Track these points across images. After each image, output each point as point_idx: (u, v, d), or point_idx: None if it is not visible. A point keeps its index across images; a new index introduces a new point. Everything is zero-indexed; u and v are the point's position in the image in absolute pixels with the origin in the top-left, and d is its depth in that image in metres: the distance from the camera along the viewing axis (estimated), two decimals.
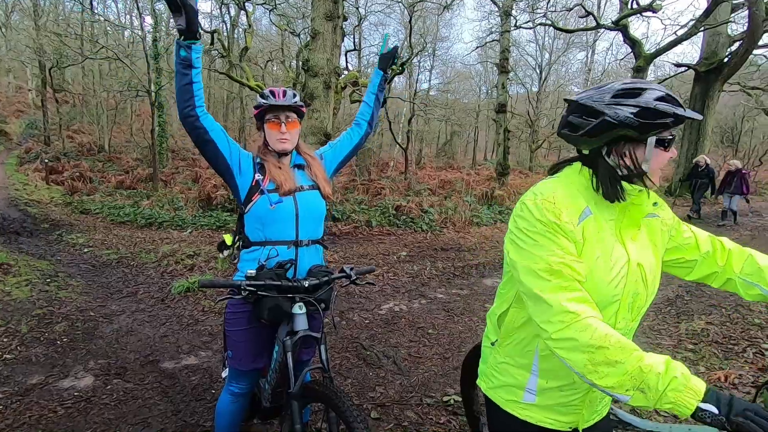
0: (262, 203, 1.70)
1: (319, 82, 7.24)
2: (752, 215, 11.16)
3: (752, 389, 2.85)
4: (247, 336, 1.77)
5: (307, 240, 1.80)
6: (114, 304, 4.21)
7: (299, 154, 1.90)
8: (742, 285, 1.13)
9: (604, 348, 0.86)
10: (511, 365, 1.16)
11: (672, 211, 1.19)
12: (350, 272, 1.80)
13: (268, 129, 1.78)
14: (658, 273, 1.09)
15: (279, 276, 1.61)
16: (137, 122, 20.91)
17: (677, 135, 1.26)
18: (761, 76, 17.60)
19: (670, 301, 4.67)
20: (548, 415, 1.14)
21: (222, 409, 1.90)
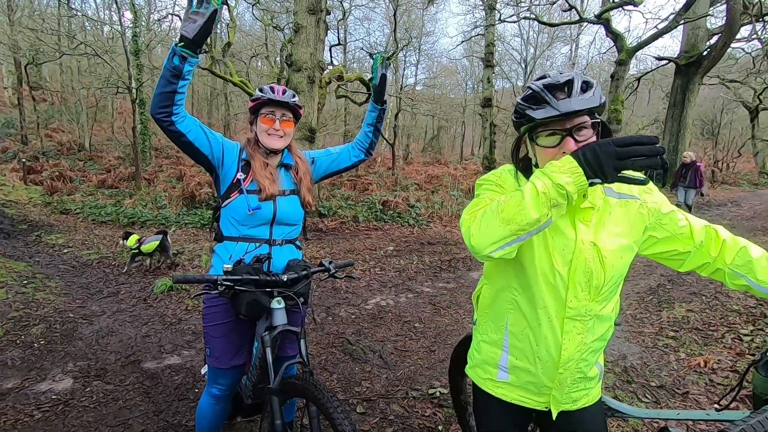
0: (240, 204, 1.66)
1: (303, 76, 7.16)
2: (731, 205, 11.41)
3: (730, 373, 2.91)
4: (225, 331, 1.73)
5: (281, 240, 1.78)
6: (94, 305, 4.12)
7: (290, 154, 1.84)
8: (729, 275, 1.12)
9: (502, 208, 0.96)
10: (486, 342, 1.22)
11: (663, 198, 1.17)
12: (329, 266, 1.77)
13: (260, 123, 1.71)
14: (626, 254, 1.09)
15: (257, 270, 1.58)
16: (119, 120, 20.47)
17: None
18: (739, 69, 17.97)
19: (652, 289, 4.75)
20: (521, 394, 1.18)
21: (203, 411, 1.86)
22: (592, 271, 1.05)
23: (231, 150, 1.72)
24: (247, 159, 1.71)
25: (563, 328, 1.09)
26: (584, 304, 1.07)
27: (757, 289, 1.10)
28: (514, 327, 1.15)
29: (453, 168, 17.74)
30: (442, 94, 26.02)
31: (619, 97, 12.28)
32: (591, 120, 1.03)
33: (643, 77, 17.50)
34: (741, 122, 23.33)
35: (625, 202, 1.11)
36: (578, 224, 1.07)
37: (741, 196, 13.60)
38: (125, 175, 12.71)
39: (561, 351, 1.10)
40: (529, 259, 1.09)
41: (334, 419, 1.36)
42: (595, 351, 1.15)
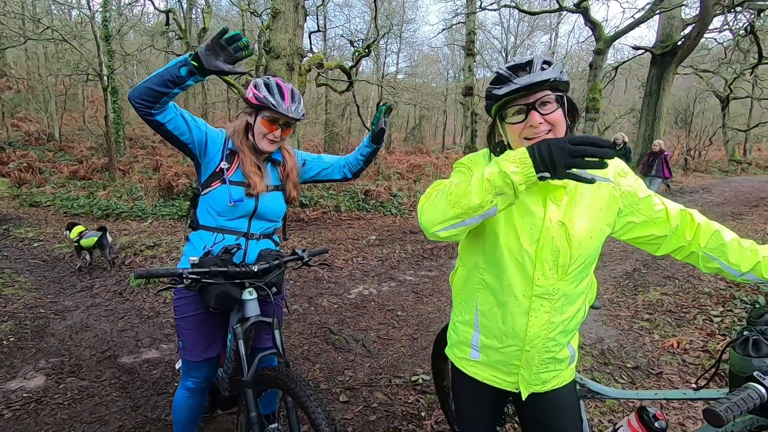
0: (221, 194, 1.59)
1: (281, 63, 7.00)
2: (702, 191, 11.78)
3: (701, 353, 3.02)
4: (197, 323, 1.69)
5: (259, 234, 1.72)
6: (67, 300, 3.99)
7: (279, 149, 1.77)
8: (703, 258, 1.14)
9: (451, 190, 0.99)
10: (461, 323, 1.26)
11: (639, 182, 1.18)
12: (302, 254, 1.74)
13: (260, 125, 1.61)
14: (596, 235, 1.10)
15: (225, 261, 1.53)
16: (90, 109, 19.74)
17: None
18: (711, 59, 18.43)
19: (628, 274, 4.88)
20: (492, 373, 1.22)
21: (178, 405, 1.82)
22: (559, 249, 1.07)
23: (215, 138, 1.63)
24: (233, 149, 1.63)
25: (531, 306, 1.11)
26: (552, 283, 1.09)
27: (728, 272, 1.13)
28: (483, 306, 1.18)
29: (435, 157, 17.76)
30: (423, 83, 25.95)
31: (597, 85, 12.45)
32: (554, 94, 1.05)
33: (620, 66, 17.77)
34: (713, 111, 24.01)
35: (598, 184, 1.11)
36: (549, 203, 1.09)
37: (712, 183, 14.06)
38: (98, 165, 12.28)
39: (527, 328, 1.12)
40: (497, 237, 1.11)
41: (309, 410, 1.35)
42: (565, 332, 1.16)
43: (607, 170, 1.12)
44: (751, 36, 12.88)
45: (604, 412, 2.41)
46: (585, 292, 1.19)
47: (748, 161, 20.09)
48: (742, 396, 0.85)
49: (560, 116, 1.05)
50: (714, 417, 0.82)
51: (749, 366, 0.98)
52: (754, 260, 1.10)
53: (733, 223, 7.43)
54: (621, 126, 23.28)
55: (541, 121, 1.04)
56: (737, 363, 1.03)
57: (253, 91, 1.58)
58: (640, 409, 1.31)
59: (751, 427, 1.07)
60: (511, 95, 1.05)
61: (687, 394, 1.22)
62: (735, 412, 0.82)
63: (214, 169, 1.61)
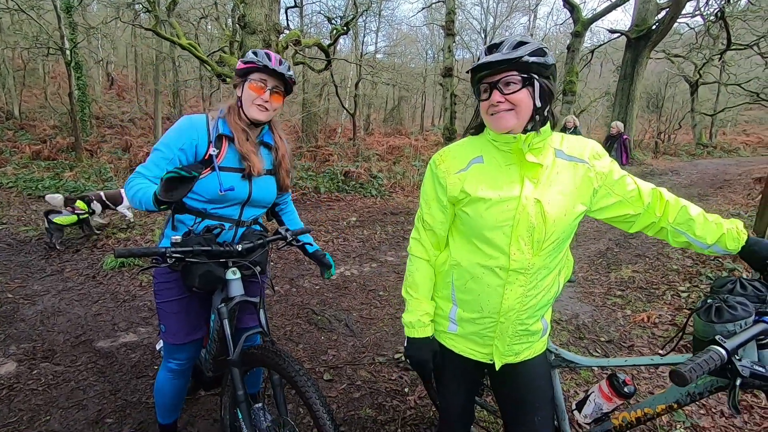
0: (211, 182, 1.53)
1: (257, 40, 6.76)
2: (671, 174, 12.20)
3: (670, 326, 3.17)
4: (180, 307, 1.65)
5: (249, 221, 1.69)
6: (36, 284, 3.84)
7: (270, 131, 1.72)
8: (672, 233, 1.22)
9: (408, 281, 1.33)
10: (440, 297, 1.31)
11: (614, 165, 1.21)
12: (285, 233, 1.72)
13: (248, 90, 1.56)
14: (570, 213, 1.14)
15: (208, 240, 1.50)
16: (52, 85, 18.65)
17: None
18: (683, 44, 18.85)
19: (601, 253, 5.04)
20: (468, 345, 1.28)
21: (161, 387, 1.78)
22: (534, 226, 1.11)
23: (197, 131, 1.55)
24: (222, 133, 1.56)
25: (507, 280, 1.15)
26: (527, 258, 1.13)
27: (696, 245, 1.21)
28: (458, 281, 1.23)
29: (414, 139, 17.72)
30: (402, 63, 25.62)
31: (575, 68, 12.58)
32: (521, 75, 1.07)
33: (596, 50, 17.98)
34: (682, 96, 24.67)
35: (574, 165, 1.16)
36: (525, 181, 1.12)
37: (680, 165, 14.56)
38: (63, 145, 11.71)
39: (502, 301, 1.16)
40: (473, 214, 1.15)
41: (299, 385, 1.35)
42: (538, 305, 1.20)
43: (583, 152, 1.17)
44: (720, 22, 13.21)
45: (579, 384, 2.51)
46: (559, 267, 1.23)
47: (714, 145, 20.86)
48: (704, 358, 0.90)
49: (523, 97, 1.08)
50: (679, 377, 0.87)
51: (711, 331, 1.04)
52: (719, 233, 1.18)
53: (699, 203, 7.69)
54: (595, 109, 23.72)
55: (500, 99, 1.08)
56: (700, 329, 1.08)
57: (240, 61, 1.58)
58: (611, 375, 1.38)
59: (711, 388, 1.16)
60: (478, 72, 1.11)
61: (654, 360, 1.29)
62: (698, 372, 0.87)
63: (203, 155, 1.54)
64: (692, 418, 2.21)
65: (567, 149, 1.17)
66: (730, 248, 1.19)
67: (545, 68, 1.09)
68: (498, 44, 1.10)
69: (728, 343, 0.93)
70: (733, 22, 14.68)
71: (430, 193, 1.26)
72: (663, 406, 1.25)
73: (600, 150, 1.20)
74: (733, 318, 1.02)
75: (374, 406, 2.33)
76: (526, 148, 1.10)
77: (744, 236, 1.18)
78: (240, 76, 1.59)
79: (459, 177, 1.18)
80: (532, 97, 1.09)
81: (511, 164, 1.15)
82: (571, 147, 1.18)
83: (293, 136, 15.89)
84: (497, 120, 1.11)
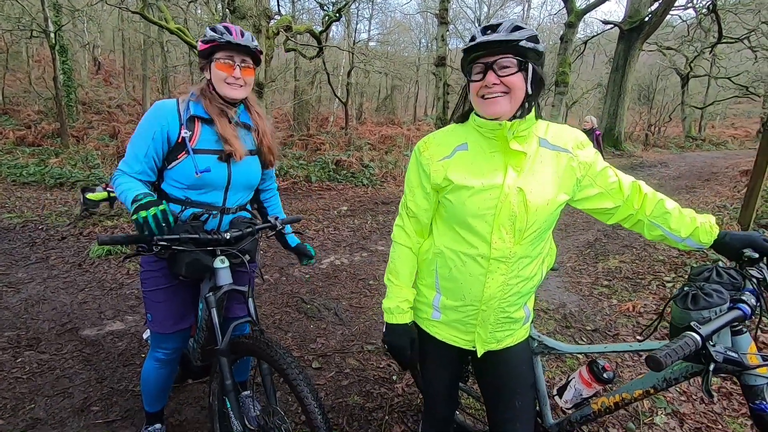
0: (187, 166, 1.48)
1: (248, 24, 6.64)
2: (660, 166, 12.33)
3: (654, 315, 3.22)
4: (167, 296, 1.62)
5: (235, 207, 1.64)
6: (20, 272, 3.78)
7: (247, 110, 1.65)
8: (648, 226, 1.24)
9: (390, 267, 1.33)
10: (424, 286, 1.31)
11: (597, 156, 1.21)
12: (275, 222, 1.69)
13: (216, 70, 1.49)
14: (552, 202, 1.14)
15: (195, 228, 1.46)
16: (36, 69, 18.20)
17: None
18: (675, 37, 18.93)
19: (589, 243, 5.09)
20: (451, 333, 1.28)
21: (147, 376, 1.77)
22: (516, 215, 1.11)
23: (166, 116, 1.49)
24: (194, 114, 1.50)
25: (488, 268, 1.15)
26: (508, 247, 1.13)
27: (671, 238, 1.23)
28: (442, 269, 1.23)
29: (406, 128, 17.64)
30: (395, 52, 25.39)
31: (567, 59, 12.57)
32: (517, 59, 1.06)
33: (589, 41, 17.98)
34: (673, 89, 24.85)
35: (557, 154, 1.15)
36: (509, 169, 1.12)
37: (669, 158, 14.71)
38: (48, 131, 11.45)
39: (484, 289, 1.17)
40: (456, 202, 1.15)
41: (288, 375, 1.34)
42: (520, 293, 1.21)
43: (567, 141, 1.17)
44: (712, 15, 13.26)
45: (564, 372, 2.55)
46: (541, 255, 1.23)
47: (703, 138, 21.11)
48: (680, 343, 0.91)
49: (518, 81, 1.07)
50: (655, 362, 0.88)
51: (687, 318, 1.06)
52: (693, 227, 1.20)
53: (687, 195, 7.85)
54: (587, 101, 23.79)
55: (495, 81, 1.07)
56: (677, 316, 1.10)
57: (200, 41, 1.50)
58: (591, 362, 1.41)
59: (686, 373, 1.18)
60: (473, 52, 1.08)
61: (633, 346, 1.33)
62: (673, 358, 0.89)
63: (176, 139, 1.48)
64: (673, 405, 2.26)
65: (551, 138, 1.17)
66: (703, 242, 1.21)
67: (538, 55, 1.09)
68: (495, 25, 1.08)
69: (703, 329, 0.94)
70: (724, 15, 14.75)
71: (414, 180, 1.25)
72: (640, 391, 1.27)
73: (584, 139, 1.20)
74: (708, 305, 1.04)
75: (362, 394, 2.35)
76: (510, 135, 1.10)
77: (716, 231, 1.21)
78: (204, 57, 1.52)
79: (443, 164, 1.18)
80: (525, 83, 1.08)
81: (495, 151, 1.14)
82: (555, 136, 1.17)
83: (285, 124, 15.73)
84: (490, 104, 1.09)
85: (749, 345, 1.08)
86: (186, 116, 1.49)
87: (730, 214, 5.50)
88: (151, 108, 1.51)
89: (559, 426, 1.52)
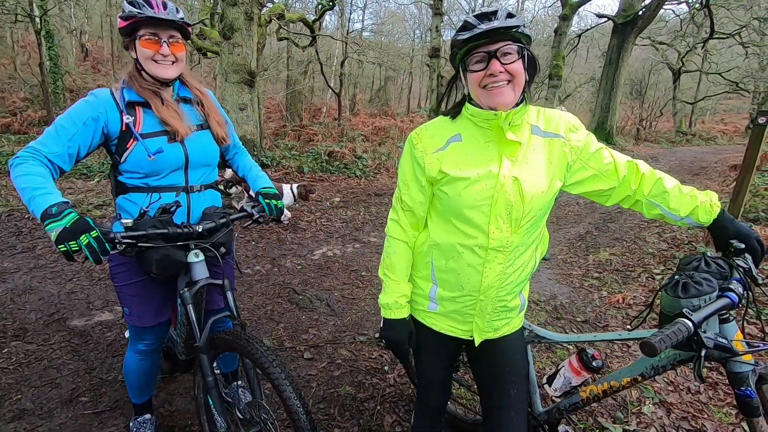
0: (139, 153, 1.39)
1: (239, 12, 6.53)
2: (651, 160, 12.43)
3: (643, 307, 3.26)
4: (141, 289, 1.55)
5: (199, 185, 1.56)
6: (6, 262, 3.71)
7: (184, 86, 1.56)
8: (647, 206, 1.23)
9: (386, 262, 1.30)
10: (419, 278, 1.31)
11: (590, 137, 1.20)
12: (252, 210, 1.62)
13: (141, 48, 1.38)
14: (546, 189, 1.13)
15: (164, 222, 1.38)
16: (22, 55, 17.73)
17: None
18: (668, 32, 18.98)
19: (581, 236, 5.13)
20: (448, 323, 1.29)
21: (130, 369, 1.72)
22: (512, 204, 1.11)
23: (102, 104, 1.39)
24: (130, 100, 1.41)
25: (486, 258, 1.15)
26: (506, 236, 1.13)
27: (669, 217, 1.22)
28: (438, 261, 1.23)
29: (400, 120, 17.55)
30: (389, 43, 25.19)
31: (561, 52, 12.56)
32: (516, 45, 1.06)
33: (582, 35, 17.98)
34: (665, 83, 24.97)
35: (550, 141, 1.15)
36: (504, 159, 1.11)
37: (660, 152, 14.84)
38: (35, 119, 11.21)
39: (482, 279, 1.17)
40: (452, 194, 1.14)
41: (269, 373, 1.30)
42: (516, 282, 1.22)
43: (558, 126, 1.16)
44: (705, 10, 13.30)
45: (555, 362, 2.57)
46: (536, 243, 1.23)
47: (693, 133, 21.28)
48: (673, 329, 0.93)
49: (520, 68, 1.06)
50: (649, 347, 0.89)
51: (678, 305, 1.07)
52: (693, 205, 1.19)
53: None
54: (580, 95, 23.85)
55: (501, 69, 1.05)
56: (668, 304, 1.11)
57: (119, 17, 1.38)
58: (581, 350, 1.43)
59: (674, 361, 1.21)
60: (474, 41, 1.06)
61: (622, 335, 1.35)
62: (667, 343, 0.90)
63: (120, 128, 1.39)
64: (660, 395, 2.30)
65: (543, 125, 1.16)
66: (702, 220, 1.19)
67: (530, 41, 1.09)
68: (490, 13, 1.07)
69: (695, 316, 0.96)
70: (717, 11, 14.80)
71: (409, 173, 1.23)
72: (628, 379, 1.29)
73: (576, 123, 1.18)
74: (698, 293, 1.05)
75: (354, 384, 2.35)
76: (506, 126, 1.09)
77: (717, 209, 1.18)
78: (127, 35, 1.40)
79: (437, 156, 1.16)
80: (525, 69, 1.08)
81: (489, 141, 1.13)
82: (547, 122, 1.17)
83: (277, 114, 15.57)
84: (496, 95, 1.06)
85: (736, 332, 1.11)
86: (123, 103, 1.41)
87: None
88: (86, 98, 1.40)
89: (548, 414, 1.54)
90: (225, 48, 6.74)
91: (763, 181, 5.72)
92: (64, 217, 1.20)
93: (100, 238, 1.20)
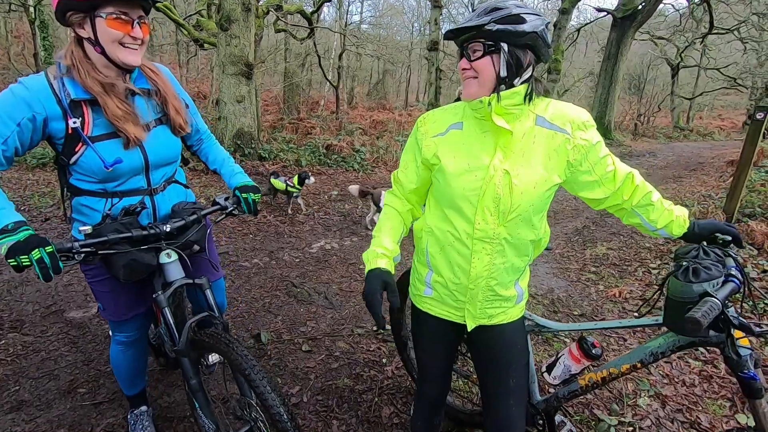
0: (91, 159, 1.25)
1: (236, 2, 6.46)
2: (648, 156, 12.46)
3: (640, 301, 3.29)
4: (113, 285, 1.46)
5: (162, 184, 1.45)
6: None
7: (140, 70, 1.37)
8: (629, 213, 1.28)
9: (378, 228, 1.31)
10: (418, 263, 1.35)
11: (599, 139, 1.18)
12: (225, 203, 1.54)
13: (107, 29, 1.17)
14: (540, 184, 1.12)
15: (128, 225, 1.29)
16: (16, 45, 17.52)
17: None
18: (667, 27, 18.94)
19: (578, 230, 5.15)
20: (443, 308, 1.31)
21: (116, 360, 1.69)
22: (500, 196, 1.11)
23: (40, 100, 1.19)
24: (77, 98, 1.22)
25: (473, 248, 1.17)
26: (492, 228, 1.14)
27: (645, 227, 1.27)
28: (432, 248, 1.26)
29: (398, 114, 17.49)
30: (388, 35, 25.03)
31: (560, 46, 12.52)
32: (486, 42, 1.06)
33: (582, 29, 17.93)
34: (663, 79, 24.96)
35: (553, 134, 1.13)
36: (497, 151, 1.11)
37: (657, 148, 14.85)
38: None
39: (470, 268, 1.19)
40: (443, 182, 1.17)
41: (250, 379, 1.22)
42: (509, 272, 1.22)
43: (566, 121, 1.13)
44: (704, 5, 13.27)
45: (552, 355, 2.59)
46: (534, 240, 1.21)
47: (690, 128, 21.31)
48: (706, 307, 0.98)
49: (484, 65, 1.07)
50: (694, 323, 0.96)
51: (689, 290, 1.10)
52: (669, 219, 1.25)
53: (673, 185, 7.96)
54: (579, 89, 23.81)
55: (465, 66, 1.10)
56: (678, 289, 1.13)
57: None
58: (581, 338, 1.44)
59: (672, 347, 1.25)
60: (448, 38, 1.14)
61: (623, 323, 1.36)
62: (708, 318, 0.96)
63: (65, 131, 1.22)
64: (656, 387, 2.32)
65: (550, 116, 1.13)
66: (675, 233, 1.27)
67: (517, 36, 1.03)
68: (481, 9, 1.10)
69: (719, 295, 1.02)
70: (716, 6, 14.77)
71: (409, 153, 1.29)
72: (627, 365, 1.31)
73: (586, 120, 1.14)
74: (709, 277, 1.09)
75: (352, 376, 2.36)
76: (490, 110, 1.08)
77: (687, 224, 1.27)
78: (83, 10, 1.16)
79: (435, 141, 1.20)
80: (494, 66, 1.07)
81: (486, 131, 1.14)
82: (555, 115, 1.13)
83: (274, 107, 15.48)
84: (465, 87, 1.13)
85: None
86: (67, 100, 1.21)
87: (715, 203, 5.59)
88: (15, 87, 1.18)
89: (546, 402, 1.56)
90: (222, 39, 6.68)
91: (759, 177, 5.74)
92: (19, 233, 1.13)
93: (54, 254, 1.12)
